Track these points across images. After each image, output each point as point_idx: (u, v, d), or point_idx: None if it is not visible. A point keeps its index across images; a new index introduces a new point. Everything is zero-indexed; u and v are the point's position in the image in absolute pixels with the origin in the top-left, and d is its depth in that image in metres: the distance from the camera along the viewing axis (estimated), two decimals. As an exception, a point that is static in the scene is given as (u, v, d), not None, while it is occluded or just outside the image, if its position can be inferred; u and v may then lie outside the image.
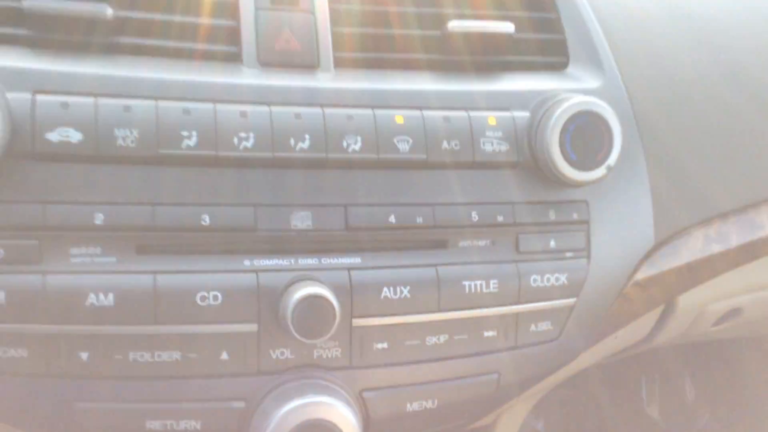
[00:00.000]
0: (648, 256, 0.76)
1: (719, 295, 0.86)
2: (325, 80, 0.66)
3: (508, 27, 0.72)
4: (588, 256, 0.72)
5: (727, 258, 0.79)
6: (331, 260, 0.64)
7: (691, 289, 0.80)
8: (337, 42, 0.69)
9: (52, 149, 0.57)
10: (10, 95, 0.57)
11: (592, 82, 0.74)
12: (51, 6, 0.60)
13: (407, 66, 0.71)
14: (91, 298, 0.58)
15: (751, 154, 0.81)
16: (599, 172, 0.69)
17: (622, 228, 0.74)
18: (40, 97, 0.58)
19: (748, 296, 0.89)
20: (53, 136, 0.57)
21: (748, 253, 0.80)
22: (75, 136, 0.57)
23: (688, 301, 0.83)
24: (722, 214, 0.79)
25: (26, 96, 0.57)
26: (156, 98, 0.60)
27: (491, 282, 0.68)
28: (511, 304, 0.69)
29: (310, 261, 0.64)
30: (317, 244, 0.64)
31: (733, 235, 0.79)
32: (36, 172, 0.58)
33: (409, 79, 0.69)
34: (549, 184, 0.70)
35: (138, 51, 0.63)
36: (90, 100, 0.58)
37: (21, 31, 0.61)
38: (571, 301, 0.72)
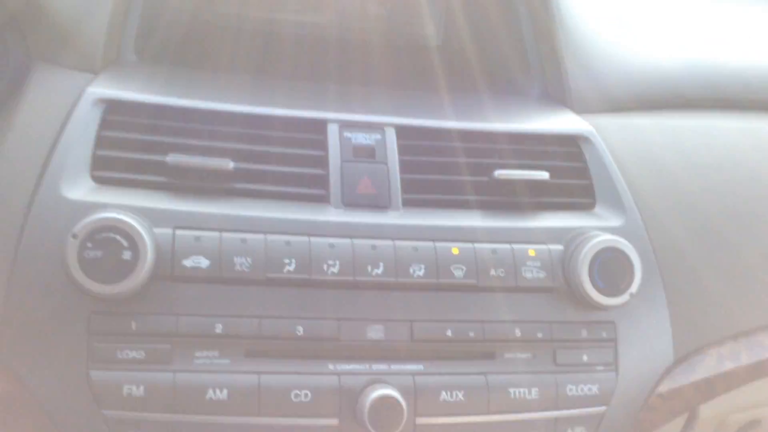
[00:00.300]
0: (668, 371, 0.85)
1: (738, 406, 0.95)
2: (396, 218, 0.79)
3: (544, 175, 0.83)
4: (616, 370, 0.81)
5: (739, 375, 0.88)
6: (399, 366, 0.76)
7: (709, 400, 0.90)
8: (406, 186, 0.81)
9: (186, 273, 0.71)
10: (156, 230, 0.71)
11: (616, 221, 0.85)
12: (188, 161, 0.75)
13: (461, 205, 0.82)
14: (210, 393, 0.70)
15: (756, 284, 0.91)
16: (623, 298, 0.79)
17: (645, 346, 0.84)
18: (178, 232, 0.72)
19: (765, 409, 0.99)
20: (188, 263, 0.71)
21: (757, 370, 0.89)
22: (204, 262, 0.72)
23: (708, 411, 0.91)
24: (733, 336, 0.90)
25: (168, 231, 0.72)
26: (265, 233, 0.74)
27: (533, 390, 0.78)
28: (550, 409, 0.78)
29: (382, 366, 0.75)
30: (388, 352, 0.75)
31: (744, 354, 0.89)
32: (172, 291, 0.71)
33: (463, 216, 0.81)
34: (581, 306, 0.80)
35: (251, 194, 0.77)
36: (216, 234, 0.73)
37: (164, 179, 0.76)
38: (602, 408, 0.81)
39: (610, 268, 0.80)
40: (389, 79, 0.98)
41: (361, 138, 0.82)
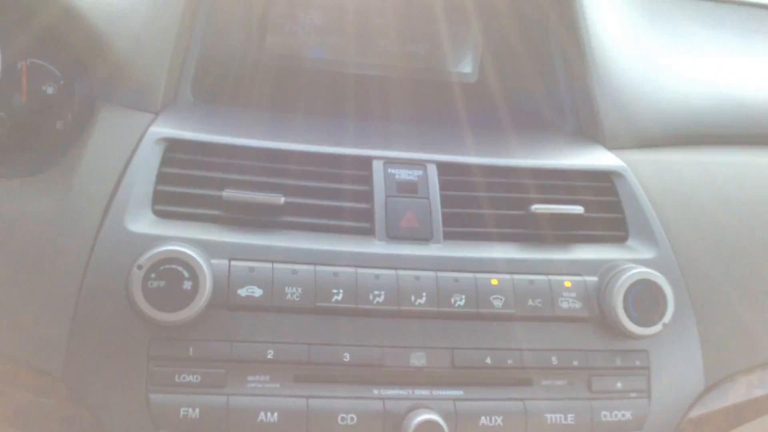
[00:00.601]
0: (699, 397, 0.84)
1: (767, 433, 0.95)
2: (437, 250, 0.79)
3: (578, 209, 0.83)
4: (649, 397, 0.81)
5: (768, 402, 0.89)
6: (441, 392, 0.76)
7: (739, 426, 0.89)
8: (446, 220, 0.81)
9: (240, 302, 0.72)
10: (213, 261, 0.73)
11: (648, 254, 0.85)
12: (242, 196, 0.76)
13: (499, 238, 0.82)
14: (261, 416, 0.71)
15: None
16: (656, 328, 0.79)
17: (677, 373, 0.83)
18: (234, 263, 0.73)
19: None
20: (242, 292, 0.73)
21: (786, 398, 0.90)
22: (257, 292, 0.73)
23: (738, 436, 0.92)
24: (762, 364, 0.89)
25: (224, 262, 0.73)
26: (315, 264, 0.75)
27: (569, 415, 0.77)
28: None
29: (424, 392, 0.76)
30: (430, 378, 0.76)
31: (773, 382, 0.89)
32: (227, 318, 0.72)
33: (501, 249, 0.81)
34: (615, 335, 0.80)
35: (301, 227, 0.78)
36: (269, 265, 0.74)
37: (220, 213, 0.77)
38: None
39: (644, 300, 0.79)
40: (428, 115, 0.99)
41: (405, 174, 0.83)
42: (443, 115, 1.00)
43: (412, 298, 0.76)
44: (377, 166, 0.83)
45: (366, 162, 0.83)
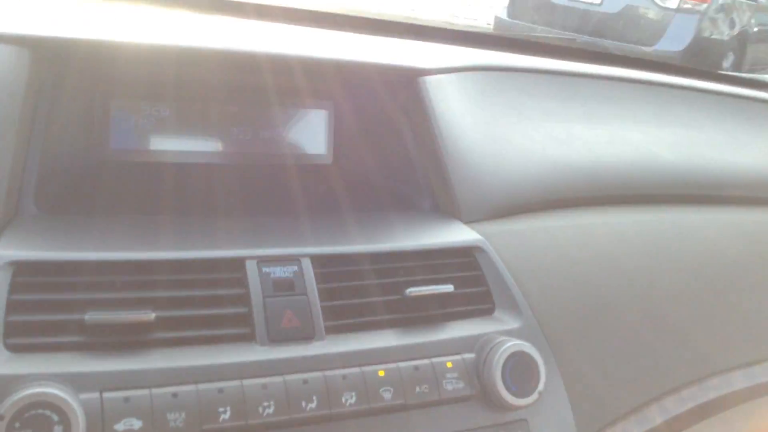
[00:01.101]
0: None
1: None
2: (321, 347, 0.75)
3: (449, 288, 0.83)
4: None
5: (632, 449, 0.93)
6: None
7: None
8: (326, 314, 0.77)
9: None
10: (82, 396, 0.63)
11: (514, 323, 0.86)
12: (107, 318, 0.67)
13: (380, 326, 0.80)
14: None
15: (637, 366, 0.96)
16: (533, 397, 0.80)
17: None
18: (106, 395, 0.64)
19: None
20: (119, 427, 0.63)
21: (646, 443, 0.94)
22: (136, 424, 0.64)
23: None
24: (622, 415, 0.93)
25: (96, 396, 0.64)
26: (196, 382, 0.68)
27: None
28: None
29: None
30: None
31: (634, 430, 0.93)
32: None
33: (383, 337, 0.79)
34: (497, 409, 0.80)
35: (177, 342, 0.70)
36: (146, 391, 0.65)
37: (84, 339, 0.67)
38: None
39: (519, 371, 0.80)
40: (291, 202, 0.95)
41: (280, 272, 0.78)
42: (305, 201, 0.96)
43: (303, 404, 0.71)
44: (251, 267, 0.77)
45: (239, 263, 0.77)
